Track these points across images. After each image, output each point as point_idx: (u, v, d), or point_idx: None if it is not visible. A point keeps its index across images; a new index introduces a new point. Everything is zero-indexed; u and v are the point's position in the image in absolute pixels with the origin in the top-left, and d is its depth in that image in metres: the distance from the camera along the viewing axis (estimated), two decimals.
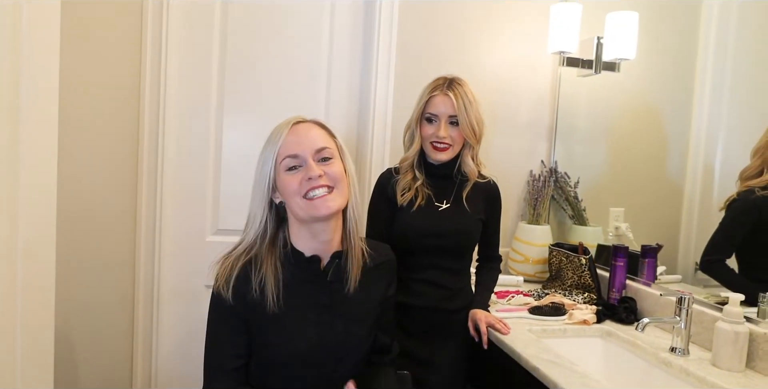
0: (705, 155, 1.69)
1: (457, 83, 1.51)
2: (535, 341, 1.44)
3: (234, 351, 1.14)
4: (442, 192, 1.57)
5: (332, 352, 1.16)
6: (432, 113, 1.52)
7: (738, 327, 1.27)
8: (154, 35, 1.81)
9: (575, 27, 2.00)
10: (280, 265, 1.14)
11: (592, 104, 2.18)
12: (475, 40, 2.12)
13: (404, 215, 1.53)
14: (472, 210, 1.55)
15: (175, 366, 1.94)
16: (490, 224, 1.62)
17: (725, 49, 1.65)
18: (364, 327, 1.21)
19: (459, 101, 1.48)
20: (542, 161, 2.23)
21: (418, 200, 1.53)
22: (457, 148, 1.54)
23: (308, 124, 1.17)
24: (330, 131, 1.20)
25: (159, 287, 1.91)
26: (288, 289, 1.13)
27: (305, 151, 1.11)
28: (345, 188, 1.15)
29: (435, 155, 1.53)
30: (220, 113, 1.94)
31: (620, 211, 2.01)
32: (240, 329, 1.13)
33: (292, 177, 1.11)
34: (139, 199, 1.85)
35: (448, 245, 1.53)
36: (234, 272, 1.12)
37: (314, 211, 1.10)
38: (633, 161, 2.03)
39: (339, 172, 1.14)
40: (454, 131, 1.51)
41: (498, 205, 1.63)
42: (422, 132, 1.54)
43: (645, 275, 1.72)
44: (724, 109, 1.65)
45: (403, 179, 1.56)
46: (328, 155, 1.14)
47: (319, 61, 2.01)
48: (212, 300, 1.15)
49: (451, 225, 1.53)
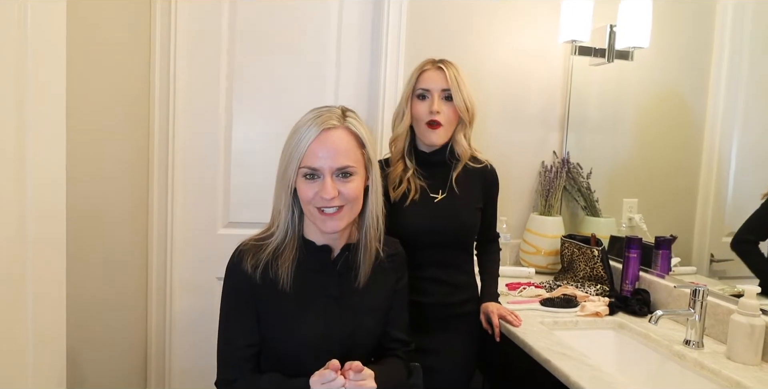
0: (721, 144, 1.66)
1: (448, 62, 1.47)
2: (546, 333, 1.43)
3: (246, 341, 1.15)
4: (436, 182, 1.50)
5: (339, 344, 1.15)
6: (424, 88, 1.45)
7: (754, 320, 1.25)
8: (163, 31, 1.81)
9: (588, 15, 1.97)
10: (296, 251, 1.15)
11: (604, 94, 2.15)
12: (484, 29, 2.09)
13: (399, 212, 1.46)
14: (468, 199, 1.49)
15: (188, 357, 1.96)
16: (487, 209, 1.57)
17: (741, 36, 1.62)
18: (373, 320, 1.20)
19: (451, 75, 1.43)
20: (554, 151, 2.20)
21: (411, 194, 1.47)
22: (450, 128, 1.47)
23: (339, 132, 1.10)
24: (361, 139, 1.13)
25: (171, 280, 1.92)
26: (298, 277, 1.13)
27: (325, 166, 1.07)
28: (357, 205, 1.13)
29: (429, 135, 1.45)
30: (230, 106, 1.94)
31: (634, 202, 1.98)
32: (251, 318, 1.14)
33: (307, 186, 1.09)
34: (150, 193, 1.86)
35: (447, 241, 1.48)
36: (252, 250, 1.14)
37: (321, 225, 1.10)
38: (647, 151, 2.00)
39: (355, 191, 1.10)
40: (447, 107, 1.44)
41: (496, 190, 1.58)
42: (414, 111, 1.47)
43: (659, 266, 1.70)
44: (741, 97, 1.62)
45: (394, 172, 1.50)
46: (350, 172, 1.10)
47: (328, 53, 2.00)
48: (226, 277, 1.16)
49: (448, 220, 1.47)
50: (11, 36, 0.79)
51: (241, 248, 1.16)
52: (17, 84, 0.81)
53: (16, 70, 0.81)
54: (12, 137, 0.81)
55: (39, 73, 0.86)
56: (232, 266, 1.16)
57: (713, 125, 1.68)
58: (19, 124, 0.82)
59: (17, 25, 0.80)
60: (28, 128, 0.83)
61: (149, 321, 1.91)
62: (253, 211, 1.92)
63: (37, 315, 0.90)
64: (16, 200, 0.82)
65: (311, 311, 1.15)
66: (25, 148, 0.84)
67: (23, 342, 0.85)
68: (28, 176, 0.84)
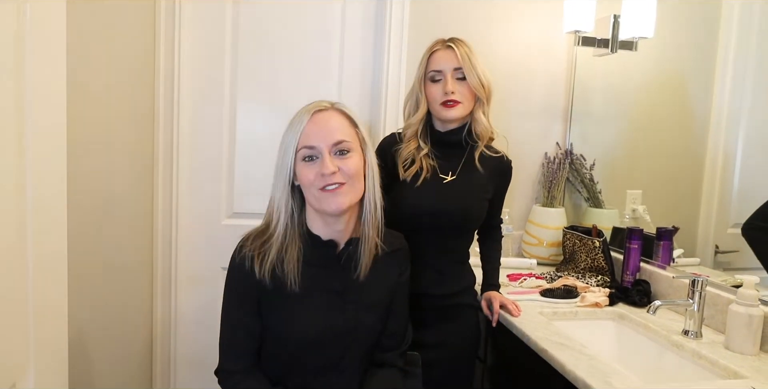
0: (726, 135, 1.65)
1: (458, 39, 1.44)
2: (545, 323, 1.43)
3: (248, 333, 1.16)
4: (447, 163, 1.46)
5: (340, 338, 1.16)
6: (435, 70, 1.42)
7: (752, 310, 1.25)
8: (167, 22, 1.82)
9: (591, 5, 1.96)
10: (301, 245, 1.15)
11: (608, 85, 2.13)
12: (487, 21, 2.08)
13: (406, 191, 1.42)
14: (477, 186, 1.46)
15: (194, 346, 1.98)
16: (495, 200, 1.53)
17: (749, 25, 1.60)
18: (374, 315, 1.21)
19: (463, 53, 1.39)
20: (557, 143, 2.20)
21: (423, 174, 1.42)
22: (468, 105, 1.43)
23: (330, 112, 1.14)
24: (352, 120, 1.16)
25: (177, 271, 1.95)
26: (303, 272, 1.14)
27: (322, 143, 1.09)
28: (359, 183, 1.14)
29: (446, 113, 1.41)
30: (234, 97, 1.95)
31: (638, 193, 1.98)
32: (254, 310, 1.16)
33: (307, 169, 1.10)
34: (155, 184, 1.88)
35: (449, 224, 1.44)
36: (255, 246, 1.14)
37: (325, 205, 1.10)
38: (651, 142, 1.99)
39: (355, 166, 1.12)
40: (462, 87, 1.41)
41: (507, 181, 1.54)
42: (428, 94, 1.43)
43: (660, 257, 1.69)
44: (748, 87, 1.60)
45: (406, 149, 1.45)
46: (346, 148, 1.12)
47: (331, 44, 2.00)
48: (229, 272, 1.17)
49: (453, 202, 1.43)
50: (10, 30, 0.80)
51: (239, 252, 1.16)
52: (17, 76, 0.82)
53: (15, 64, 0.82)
54: (12, 128, 0.82)
55: (39, 62, 0.87)
56: (235, 264, 1.16)
57: (719, 115, 1.67)
58: (18, 116, 0.83)
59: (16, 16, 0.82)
60: (27, 120, 0.84)
61: (155, 311, 1.93)
62: (257, 201, 1.92)
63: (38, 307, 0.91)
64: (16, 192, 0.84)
65: (313, 305, 1.16)
66: (25, 140, 0.85)
67: (24, 331, 0.87)
68: (27, 168, 0.85)
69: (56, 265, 0.97)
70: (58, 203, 0.97)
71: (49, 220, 0.93)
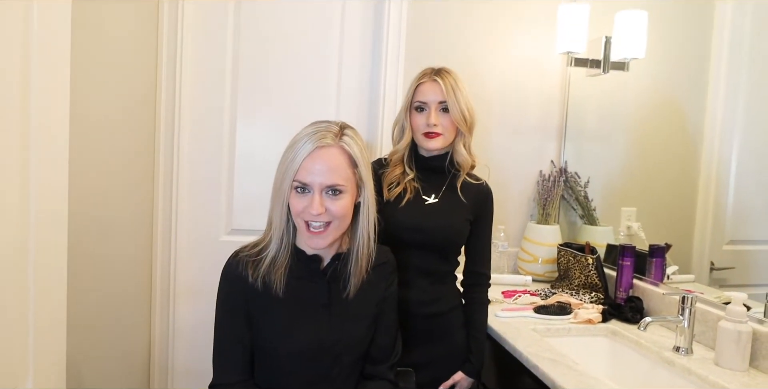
0: (720, 152, 1.67)
1: (445, 71, 1.48)
2: (537, 340, 1.45)
3: (240, 348, 1.18)
4: (430, 186, 1.51)
5: (329, 351, 1.18)
6: (421, 101, 1.47)
7: (741, 326, 1.27)
8: (170, 42, 1.87)
9: (583, 27, 2.00)
10: (288, 259, 1.18)
11: (602, 104, 2.17)
12: (482, 41, 2.13)
13: (388, 210, 1.44)
14: (458, 207, 1.48)
15: (191, 361, 2.00)
16: (478, 229, 1.51)
17: (740, 44, 1.63)
18: (361, 328, 1.23)
19: (448, 87, 1.44)
20: (552, 161, 2.23)
21: (407, 195, 1.47)
22: (449, 136, 1.48)
23: (332, 150, 1.13)
24: (353, 159, 1.15)
25: (175, 287, 1.97)
26: (290, 285, 1.17)
27: (315, 182, 1.11)
28: (345, 222, 1.16)
29: (427, 143, 1.46)
30: (234, 115, 1.99)
31: (632, 210, 2.00)
32: (245, 324, 1.18)
33: (298, 199, 1.13)
34: (155, 200, 1.92)
35: (431, 242, 1.45)
36: (247, 259, 1.18)
37: (306, 240, 1.15)
38: (645, 160, 2.01)
39: (344, 208, 1.13)
40: (445, 119, 1.45)
41: (488, 208, 1.53)
42: (412, 122, 1.49)
43: (652, 274, 1.71)
44: (740, 105, 1.63)
45: (392, 173, 1.51)
46: (340, 190, 1.13)
47: (329, 65, 2.04)
48: (220, 287, 1.20)
49: (435, 220, 1.45)
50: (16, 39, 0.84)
51: (235, 256, 1.20)
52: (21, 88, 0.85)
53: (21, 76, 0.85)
54: (15, 145, 0.85)
55: (43, 75, 0.90)
56: (227, 275, 1.19)
57: (712, 132, 1.69)
58: (22, 130, 0.86)
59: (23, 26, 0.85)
60: (31, 131, 0.87)
61: (153, 326, 1.95)
62: (256, 218, 1.96)
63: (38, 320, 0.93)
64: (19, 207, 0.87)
65: (301, 318, 1.18)
66: (29, 154, 0.88)
67: (23, 344, 0.89)
68: (31, 182, 0.88)
69: (56, 278, 0.99)
70: (59, 217, 0.99)
71: (50, 234, 0.96)
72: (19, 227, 0.87)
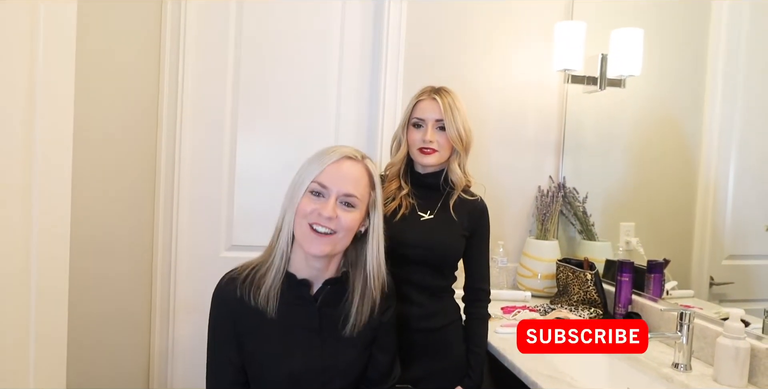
0: (717, 167, 1.69)
1: (445, 91, 1.51)
2: (536, 356, 1.44)
3: (231, 373, 1.18)
4: (426, 202, 1.52)
5: (321, 375, 1.18)
6: (419, 118, 1.50)
7: (739, 343, 1.27)
8: (172, 58, 1.90)
9: (580, 45, 2.03)
10: (281, 283, 1.17)
11: (599, 120, 2.19)
12: (480, 58, 2.16)
13: (385, 225, 1.40)
14: (454, 224, 1.49)
15: (190, 379, 1.99)
16: (474, 244, 1.53)
17: (736, 61, 1.65)
18: (354, 351, 1.21)
19: (446, 105, 1.47)
20: (550, 176, 2.24)
21: (402, 210, 1.49)
22: (445, 153, 1.50)
23: (358, 164, 1.17)
24: (373, 180, 1.20)
25: (175, 303, 1.97)
26: (281, 310, 1.16)
27: (335, 187, 1.12)
28: (348, 238, 1.16)
29: (422, 159, 1.49)
30: (234, 131, 2.01)
31: (631, 225, 2.01)
32: (236, 350, 1.17)
33: (309, 201, 1.13)
34: (156, 215, 1.93)
35: (426, 257, 1.46)
36: (238, 281, 1.17)
37: (308, 244, 1.13)
38: (643, 175, 2.03)
39: (352, 222, 1.14)
40: (441, 137, 1.48)
41: (484, 224, 1.54)
42: (409, 138, 1.52)
43: (651, 290, 1.71)
44: (737, 122, 1.64)
45: (387, 188, 1.53)
46: (353, 203, 1.14)
47: (328, 82, 2.07)
48: (212, 312, 1.20)
49: (430, 235, 1.47)
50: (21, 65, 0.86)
51: (226, 279, 1.19)
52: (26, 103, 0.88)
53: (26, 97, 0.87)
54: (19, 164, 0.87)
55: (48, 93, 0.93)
56: (217, 297, 1.20)
57: (709, 148, 1.71)
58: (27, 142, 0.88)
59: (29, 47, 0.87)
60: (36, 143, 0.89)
61: (152, 343, 1.95)
62: (256, 234, 1.96)
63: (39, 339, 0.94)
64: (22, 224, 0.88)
65: (293, 342, 1.17)
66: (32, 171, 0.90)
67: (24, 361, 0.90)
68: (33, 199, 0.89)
69: (57, 295, 1.00)
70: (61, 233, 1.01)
71: (52, 251, 0.97)
72: (22, 244, 0.88)
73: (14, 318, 0.88)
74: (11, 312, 0.86)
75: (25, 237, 0.90)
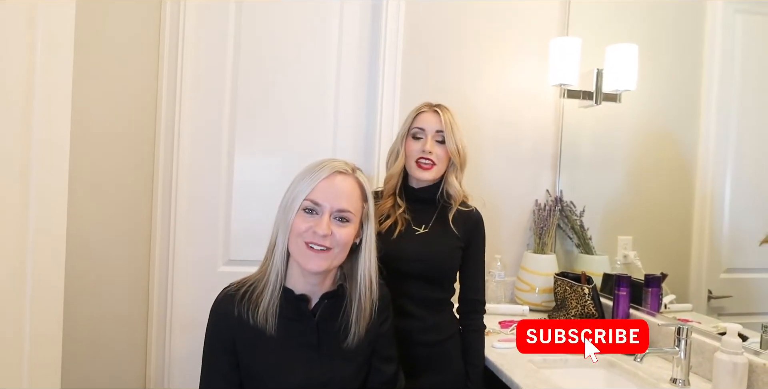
0: (714, 180, 1.70)
1: (444, 107, 1.54)
2: (534, 371, 1.44)
3: (225, 385, 1.18)
4: (420, 216, 1.53)
5: None
6: (419, 128, 1.52)
7: (736, 358, 1.26)
8: (170, 69, 1.90)
9: (575, 60, 2.05)
10: (278, 299, 1.17)
11: (595, 134, 2.20)
12: (477, 73, 2.17)
13: (381, 242, 1.39)
14: (450, 236, 1.50)
15: None
16: (470, 255, 1.54)
17: (731, 75, 1.67)
18: (353, 364, 1.21)
19: (446, 120, 1.50)
20: (547, 190, 2.25)
21: (398, 227, 1.50)
22: (442, 167, 1.52)
23: (349, 178, 1.18)
24: (364, 193, 1.21)
25: (172, 318, 1.96)
26: (279, 325, 1.16)
27: (328, 204, 1.13)
28: (344, 252, 1.17)
29: (419, 173, 1.50)
30: (232, 145, 2.01)
31: (628, 239, 2.01)
32: (232, 366, 1.17)
33: (303, 219, 1.14)
34: (153, 231, 1.93)
35: (424, 271, 1.47)
36: (236, 297, 1.17)
37: (304, 261, 1.13)
38: (640, 189, 2.04)
39: (347, 237, 1.15)
40: (439, 150, 1.50)
41: (480, 234, 1.56)
42: (407, 148, 1.53)
43: (649, 304, 1.71)
44: (732, 134, 1.66)
45: (383, 206, 1.54)
46: (348, 218, 1.15)
47: (326, 95, 2.08)
48: (209, 327, 1.20)
49: (427, 249, 1.48)
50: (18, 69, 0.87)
51: (224, 294, 1.20)
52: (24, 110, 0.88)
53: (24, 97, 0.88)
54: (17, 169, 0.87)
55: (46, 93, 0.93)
56: (215, 312, 1.20)
57: (705, 162, 1.72)
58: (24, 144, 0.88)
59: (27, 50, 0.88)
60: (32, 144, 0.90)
61: (149, 358, 1.93)
62: (253, 249, 1.96)
63: (34, 351, 0.93)
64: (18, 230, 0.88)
65: (291, 357, 1.17)
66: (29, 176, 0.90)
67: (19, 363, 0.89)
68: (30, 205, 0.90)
69: (52, 296, 1.00)
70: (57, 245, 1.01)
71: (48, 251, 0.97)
72: (18, 245, 0.88)
73: (9, 319, 0.88)
74: (6, 313, 0.86)
75: (22, 238, 0.90)
